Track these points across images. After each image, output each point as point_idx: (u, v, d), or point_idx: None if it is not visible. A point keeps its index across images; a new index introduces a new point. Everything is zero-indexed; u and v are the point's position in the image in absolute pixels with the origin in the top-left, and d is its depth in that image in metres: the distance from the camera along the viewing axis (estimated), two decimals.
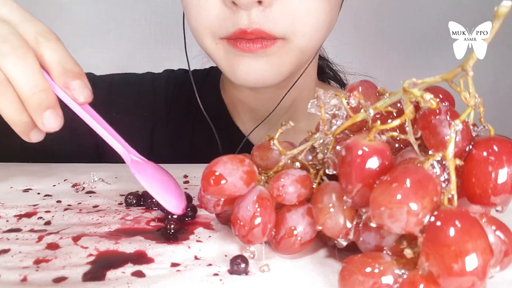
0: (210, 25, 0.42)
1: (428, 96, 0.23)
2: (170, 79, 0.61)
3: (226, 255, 0.28)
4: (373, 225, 0.22)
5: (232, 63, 0.43)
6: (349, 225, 0.25)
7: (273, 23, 0.40)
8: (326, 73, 0.64)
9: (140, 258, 0.27)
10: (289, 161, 0.29)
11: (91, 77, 0.61)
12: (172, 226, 0.30)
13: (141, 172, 0.31)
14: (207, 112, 0.53)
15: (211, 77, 0.60)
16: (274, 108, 0.51)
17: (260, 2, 0.38)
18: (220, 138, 0.54)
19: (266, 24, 0.39)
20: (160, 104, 0.59)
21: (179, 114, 0.59)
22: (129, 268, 0.26)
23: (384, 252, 0.23)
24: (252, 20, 0.39)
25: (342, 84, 0.65)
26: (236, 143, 0.53)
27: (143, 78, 0.62)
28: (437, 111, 0.24)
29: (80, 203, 0.35)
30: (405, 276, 0.21)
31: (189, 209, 0.33)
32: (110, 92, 0.59)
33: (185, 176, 0.42)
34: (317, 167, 0.29)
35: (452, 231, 0.20)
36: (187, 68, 0.55)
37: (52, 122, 0.28)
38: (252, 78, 0.43)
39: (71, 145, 0.56)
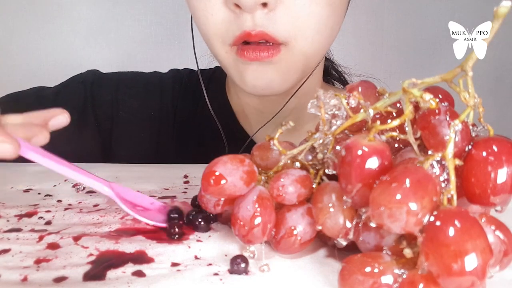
0: (218, 30, 0.42)
1: (428, 96, 0.24)
2: (176, 79, 0.61)
3: (226, 255, 0.28)
4: (372, 225, 0.23)
5: (241, 71, 0.43)
6: (348, 225, 0.25)
7: (277, 26, 0.40)
8: (331, 75, 0.64)
9: (141, 257, 0.27)
10: (289, 161, 0.29)
11: (97, 74, 0.61)
12: (176, 230, 0.30)
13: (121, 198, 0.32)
14: (213, 113, 0.53)
15: (217, 78, 0.60)
16: (279, 111, 0.51)
17: (264, 5, 0.39)
18: (225, 138, 0.54)
19: (270, 26, 0.40)
20: (167, 104, 0.59)
21: (185, 114, 0.59)
22: (130, 267, 0.26)
23: (384, 251, 0.23)
24: (256, 23, 0.39)
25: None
26: (241, 144, 0.53)
27: (151, 77, 0.62)
28: (437, 111, 0.24)
29: (81, 202, 0.36)
30: (404, 276, 0.21)
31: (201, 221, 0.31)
32: (117, 91, 0.59)
33: (185, 176, 0.42)
34: (317, 167, 0.29)
35: (451, 231, 0.20)
36: (192, 68, 0.54)
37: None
38: (260, 85, 0.43)
39: (78, 145, 0.56)
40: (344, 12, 0.47)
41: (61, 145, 0.56)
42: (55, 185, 0.39)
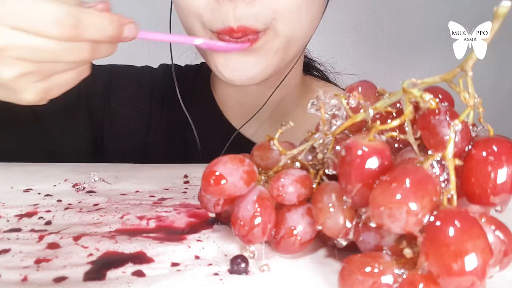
0: (199, 13, 0.42)
1: (428, 96, 0.24)
2: (165, 74, 0.62)
3: (226, 255, 0.28)
4: (372, 225, 0.23)
5: (221, 61, 0.43)
6: (348, 225, 0.25)
7: (256, 18, 0.40)
8: (310, 71, 0.65)
9: (140, 257, 0.27)
10: (289, 161, 0.29)
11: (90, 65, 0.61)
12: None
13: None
14: (199, 108, 0.54)
15: (203, 73, 0.61)
16: (263, 105, 0.52)
17: None
18: (211, 133, 0.55)
19: (249, 19, 0.40)
20: (157, 98, 0.60)
21: (173, 109, 0.60)
22: (130, 267, 0.26)
23: (384, 251, 0.23)
24: (236, 17, 0.40)
25: (326, 80, 0.65)
26: (227, 137, 0.54)
27: (142, 70, 0.63)
28: (437, 111, 0.24)
29: (81, 201, 0.36)
30: (404, 276, 0.21)
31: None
32: (109, 82, 0.59)
33: (185, 176, 0.42)
34: (317, 167, 0.29)
35: (451, 231, 0.20)
36: (189, 64, 0.55)
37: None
38: (239, 75, 0.43)
39: (69, 139, 0.57)
40: (323, 8, 0.47)
41: (54, 136, 0.57)
42: (55, 185, 0.39)
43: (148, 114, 0.59)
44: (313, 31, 0.47)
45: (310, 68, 0.64)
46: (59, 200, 0.36)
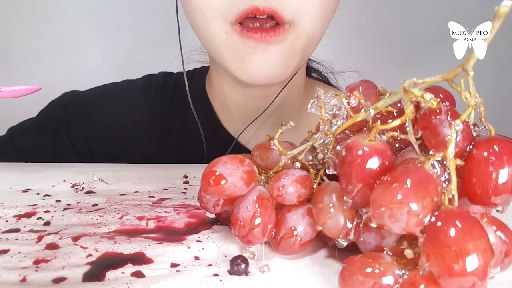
0: (220, 4, 0.40)
1: (429, 96, 0.23)
2: (151, 84, 0.61)
3: (226, 256, 0.28)
4: (373, 225, 0.22)
5: (243, 57, 0.42)
6: (349, 225, 0.25)
7: (284, 3, 0.40)
8: (309, 73, 0.64)
9: (140, 258, 0.27)
10: (289, 161, 0.29)
11: (71, 95, 0.62)
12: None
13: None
14: (193, 114, 0.53)
15: (196, 78, 0.60)
16: (266, 108, 0.51)
17: None
18: (207, 140, 0.53)
19: (277, 4, 0.39)
20: (141, 110, 0.59)
21: (164, 118, 0.59)
22: (129, 268, 0.26)
23: (385, 252, 0.23)
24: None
25: (326, 82, 0.65)
26: (224, 144, 0.53)
27: (119, 87, 0.62)
28: (438, 111, 0.24)
29: (80, 202, 0.35)
30: (405, 277, 0.21)
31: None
32: (88, 107, 0.60)
33: (185, 176, 0.42)
34: (317, 167, 0.29)
35: (452, 232, 0.20)
36: (174, 70, 0.55)
37: None
38: (263, 72, 0.42)
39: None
40: (337, 5, 0.47)
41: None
42: (54, 185, 0.39)
43: (134, 127, 0.58)
44: (327, 28, 0.46)
45: (309, 69, 0.64)
46: (58, 201, 0.36)
